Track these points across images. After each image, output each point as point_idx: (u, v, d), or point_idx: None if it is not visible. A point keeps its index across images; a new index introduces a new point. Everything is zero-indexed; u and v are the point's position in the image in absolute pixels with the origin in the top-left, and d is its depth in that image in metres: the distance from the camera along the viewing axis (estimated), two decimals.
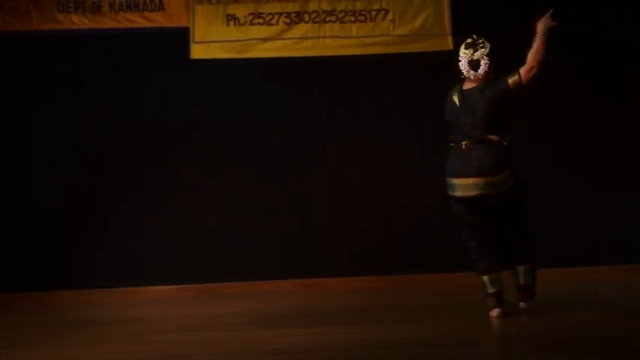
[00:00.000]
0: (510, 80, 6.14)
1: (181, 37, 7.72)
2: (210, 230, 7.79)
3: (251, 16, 7.86)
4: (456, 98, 6.26)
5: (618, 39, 7.84)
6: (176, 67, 7.79)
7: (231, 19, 7.85)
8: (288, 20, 7.90)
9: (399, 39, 7.87)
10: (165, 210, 7.78)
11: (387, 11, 7.91)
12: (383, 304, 7.09)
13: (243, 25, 7.86)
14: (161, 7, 7.78)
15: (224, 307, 7.15)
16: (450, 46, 7.73)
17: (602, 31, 7.81)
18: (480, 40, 6.29)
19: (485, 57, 6.21)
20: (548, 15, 6.23)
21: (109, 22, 7.74)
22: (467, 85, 6.28)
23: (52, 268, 7.62)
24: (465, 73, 6.25)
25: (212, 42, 7.80)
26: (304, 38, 7.90)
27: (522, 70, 6.13)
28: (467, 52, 6.26)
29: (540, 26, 6.18)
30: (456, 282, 7.42)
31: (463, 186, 6.14)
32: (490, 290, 6.23)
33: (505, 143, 6.17)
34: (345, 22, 7.92)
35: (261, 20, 7.88)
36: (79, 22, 7.70)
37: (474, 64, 6.22)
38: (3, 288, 7.47)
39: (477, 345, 5.49)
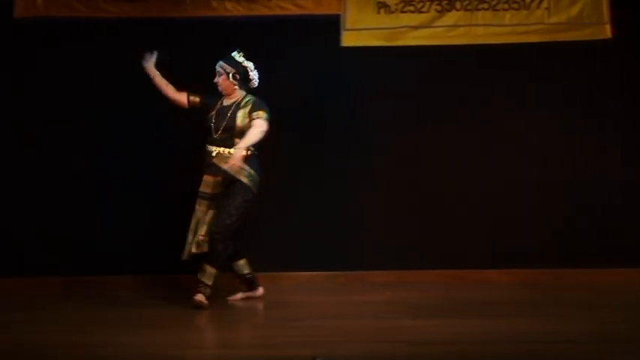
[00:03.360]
0: None
1: (332, 24, 7.75)
2: (359, 218, 7.77)
3: (402, 4, 7.82)
4: None
5: None
6: (327, 54, 7.79)
7: (382, 6, 7.82)
8: (439, 8, 7.81)
9: (554, 27, 7.69)
10: (315, 197, 7.78)
11: None
12: (532, 298, 6.96)
13: (394, 12, 7.82)
14: None
15: (371, 296, 7.14)
16: (609, 35, 7.58)
17: None
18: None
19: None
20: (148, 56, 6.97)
21: (261, 9, 7.82)
22: None
23: None
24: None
25: (363, 29, 7.79)
26: (455, 26, 7.81)
27: None
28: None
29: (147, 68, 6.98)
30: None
31: None
32: None
33: None
34: (497, 10, 7.78)
35: (412, 8, 7.82)
36: (232, 9, 7.80)
37: None
38: (156, 269, 7.61)
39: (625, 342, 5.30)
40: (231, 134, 6.75)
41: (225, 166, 6.60)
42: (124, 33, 7.66)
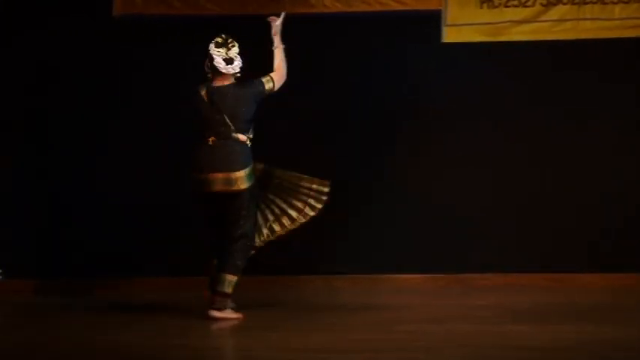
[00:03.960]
0: (267, 86, 6.34)
1: (433, 20, 7.62)
2: (460, 220, 7.67)
3: None
4: (204, 95, 6.31)
5: None
6: (427, 50, 7.69)
7: (485, 1, 7.69)
8: (544, 2, 7.65)
9: None
10: (415, 197, 7.71)
11: None
12: (635, 303, 6.78)
13: (497, 7, 7.69)
14: None
15: (474, 299, 7.05)
16: None
17: None
18: (230, 40, 6.39)
19: (237, 55, 6.33)
20: (280, 19, 6.45)
21: (360, 5, 7.74)
22: (217, 83, 6.33)
23: (303, 253, 7.64)
24: (222, 70, 6.28)
25: (465, 25, 7.65)
26: (562, 20, 7.61)
27: (276, 79, 6.36)
28: (220, 50, 6.33)
29: (275, 34, 6.45)
30: None
31: (208, 181, 6.23)
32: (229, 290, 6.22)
33: (248, 143, 6.30)
34: (606, 4, 7.58)
35: (516, 2, 7.67)
36: (330, 5, 7.74)
37: (228, 62, 6.31)
38: (258, 270, 7.54)
39: None
40: None
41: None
42: (222, 30, 7.61)
